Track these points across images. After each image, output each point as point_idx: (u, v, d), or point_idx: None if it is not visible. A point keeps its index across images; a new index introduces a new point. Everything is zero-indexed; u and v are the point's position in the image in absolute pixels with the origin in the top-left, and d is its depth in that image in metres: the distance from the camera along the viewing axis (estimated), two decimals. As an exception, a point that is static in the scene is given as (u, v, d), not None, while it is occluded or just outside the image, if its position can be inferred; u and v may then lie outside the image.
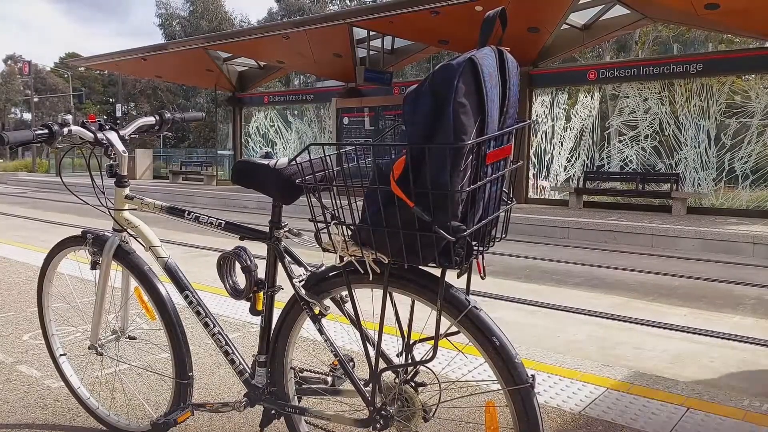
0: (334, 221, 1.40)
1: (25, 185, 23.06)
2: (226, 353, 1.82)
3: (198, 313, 1.85)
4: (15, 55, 51.27)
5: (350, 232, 1.40)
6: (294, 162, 1.51)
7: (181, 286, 1.87)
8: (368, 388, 1.52)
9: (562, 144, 13.78)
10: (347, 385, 1.65)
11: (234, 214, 12.80)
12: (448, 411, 2.30)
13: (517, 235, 9.44)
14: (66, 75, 44.07)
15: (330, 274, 1.56)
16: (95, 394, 2.30)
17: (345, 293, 1.56)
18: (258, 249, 1.71)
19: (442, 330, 1.38)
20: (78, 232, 2.08)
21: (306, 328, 1.70)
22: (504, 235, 1.47)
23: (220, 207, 14.85)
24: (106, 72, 41.33)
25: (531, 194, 13.86)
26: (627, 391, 2.58)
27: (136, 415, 2.23)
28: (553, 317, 4.84)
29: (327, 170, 1.47)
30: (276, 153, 18.79)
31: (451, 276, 1.38)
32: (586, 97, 13.54)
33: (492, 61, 1.26)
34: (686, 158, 12.16)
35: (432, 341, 1.38)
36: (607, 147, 13.23)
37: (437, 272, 1.37)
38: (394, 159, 1.27)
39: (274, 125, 20.18)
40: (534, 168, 13.87)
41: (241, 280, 1.70)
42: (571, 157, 13.72)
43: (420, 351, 1.47)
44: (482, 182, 1.29)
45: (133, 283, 2.00)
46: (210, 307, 1.87)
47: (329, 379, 1.71)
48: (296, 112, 19.96)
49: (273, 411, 1.74)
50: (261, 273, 1.70)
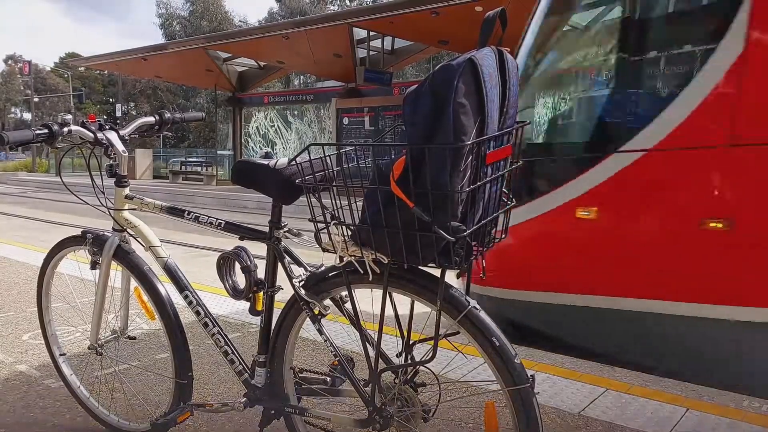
0: (334, 221, 1.40)
1: (25, 185, 23.06)
2: (226, 353, 1.81)
3: (198, 313, 1.84)
4: (15, 55, 51.31)
5: (350, 233, 1.40)
6: (294, 162, 1.51)
7: (181, 286, 1.87)
8: (368, 389, 1.52)
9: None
10: (347, 386, 1.65)
11: (234, 214, 12.80)
12: (448, 411, 2.30)
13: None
14: (66, 75, 44.04)
15: (330, 275, 1.56)
16: (95, 394, 2.30)
17: (345, 293, 1.56)
18: (258, 249, 1.71)
19: (442, 330, 1.39)
20: (78, 232, 2.08)
21: (306, 329, 1.70)
22: (504, 236, 1.47)
23: (220, 207, 14.84)
24: (106, 72, 41.34)
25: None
26: (626, 391, 2.58)
27: (136, 415, 2.23)
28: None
29: (327, 170, 1.47)
30: (276, 153, 18.78)
31: (451, 276, 1.38)
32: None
33: (492, 62, 1.26)
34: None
35: (432, 341, 1.38)
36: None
37: (437, 272, 1.37)
38: (394, 159, 1.27)
39: (274, 125, 20.18)
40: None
41: (241, 280, 1.70)
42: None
43: (420, 351, 1.47)
44: (482, 182, 1.29)
45: (133, 283, 2.00)
46: (210, 308, 1.87)
47: (329, 380, 1.71)
48: (296, 113, 19.97)
49: (272, 411, 1.74)
50: (261, 273, 1.70)
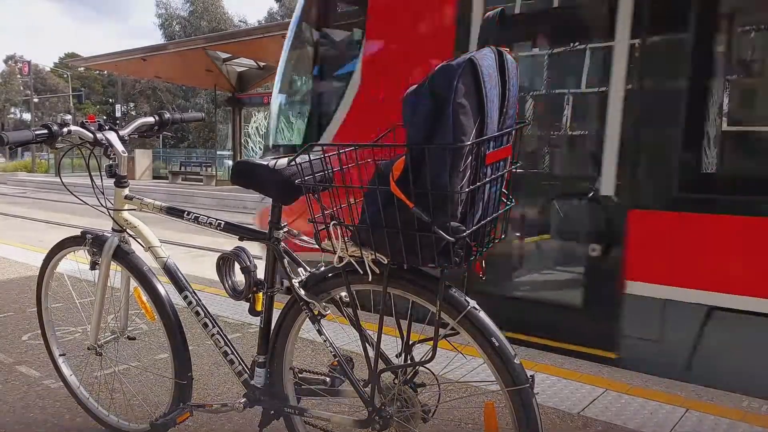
0: (334, 222, 1.40)
1: (25, 185, 23.05)
2: (225, 354, 1.81)
3: (197, 314, 1.84)
4: (15, 55, 51.29)
5: (350, 233, 1.40)
6: (294, 162, 1.51)
7: (181, 287, 1.87)
8: (367, 389, 1.52)
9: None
10: (346, 386, 1.65)
11: (234, 215, 12.79)
12: (448, 411, 2.30)
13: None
14: (66, 75, 44.01)
15: (329, 275, 1.56)
16: (94, 395, 2.29)
17: (344, 294, 1.56)
18: (257, 249, 1.71)
19: (442, 330, 1.38)
20: (77, 233, 2.07)
21: (305, 329, 1.70)
22: (504, 236, 1.47)
23: (220, 207, 14.84)
24: (106, 72, 41.31)
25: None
26: (626, 392, 2.58)
27: (136, 416, 2.23)
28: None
29: (326, 171, 1.47)
30: (275, 153, 18.72)
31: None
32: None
33: (491, 62, 1.26)
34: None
35: (431, 342, 1.38)
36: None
37: (437, 272, 1.37)
38: (394, 159, 1.27)
39: (274, 126, 20.16)
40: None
41: (241, 281, 1.70)
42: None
43: (419, 351, 1.47)
44: (481, 183, 1.29)
45: (133, 284, 2.00)
46: (209, 308, 1.87)
47: (328, 380, 1.71)
48: (296, 113, 19.94)
49: (272, 411, 1.74)
50: (261, 273, 1.70)
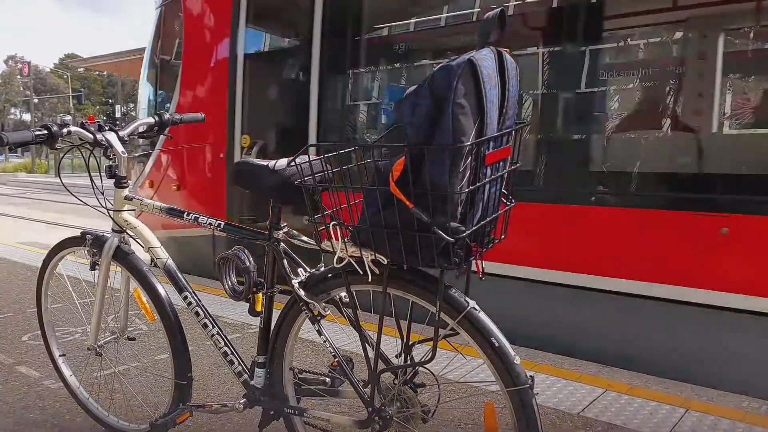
0: (334, 222, 1.40)
1: (25, 186, 23.05)
2: (225, 354, 1.81)
3: (197, 314, 1.84)
4: (15, 56, 51.29)
5: (349, 233, 1.40)
6: (293, 163, 1.51)
7: (180, 287, 1.87)
8: (367, 389, 1.52)
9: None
10: (346, 386, 1.65)
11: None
12: (448, 412, 2.30)
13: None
14: (65, 76, 44.02)
15: (329, 275, 1.56)
16: (94, 395, 2.30)
17: (344, 294, 1.56)
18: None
19: (441, 331, 1.38)
20: (77, 233, 2.08)
21: (305, 329, 1.70)
22: (504, 236, 1.47)
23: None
24: (106, 73, 41.30)
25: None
26: (625, 392, 2.58)
27: (136, 416, 2.23)
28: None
29: (326, 171, 1.47)
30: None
31: (450, 276, 1.37)
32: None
33: (491, 63, 1.26)
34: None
35: (431, 342, 1.38)
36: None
37: (436, 273, 1.37)
38: (394, 160, 1.27)
39: (274, 126, 20.16)
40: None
41: (240, 281, 1.70)
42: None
43: (419, 352, 1.47)
44: (481, 183, 1.29)
45: (133, 284, 2.00)
46: (209, 308, 1.87)
47: (328, 380, 1.71)
48: (296, 113, 19.93)
49: (272, 412, 1.74)
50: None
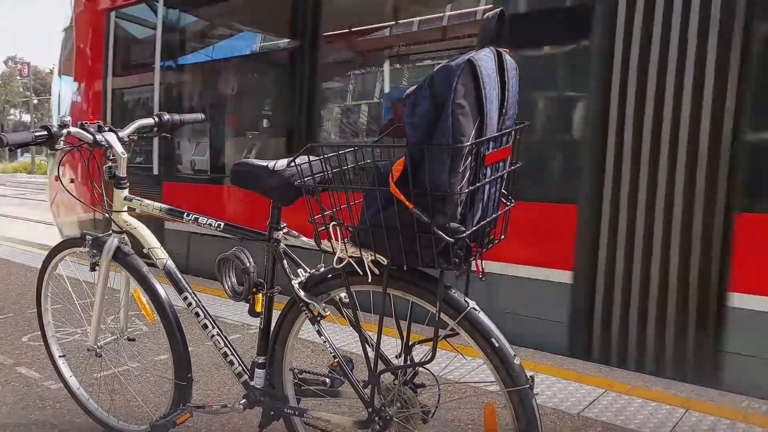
0: (333, 222, 1.40)
1: (25, 187, 23.05)
2: (225, 355, 1.81)
3: (197, 315, 1.84)
4: (15, 57, 51.27)
5: (349, 234, 1.40)
6: (293, 163, 1.51)
7: (180, 288, 1.87)
8: (367, 390, 1.52)
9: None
10: (346, 387, 1.65)
11: (233, 216, 12.76)
12: (447, 412, 2.30)
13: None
14: (65, 76, 43.96)
15: (329, 276, 1.56)
16: (94, 396, 2.29)
17: (344, 294, 1.56)
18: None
19: (441, 331, 1.38)
20: (77, 233, 2.07)
21: (305, 330, 1.70)
22: (503, 237, 1.47)
23: (220, 208, 14.81)
24: (106, 73, 41.22)
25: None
26: (625, 392, 2.58)
27: (135, 417, 2.23)
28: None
29: (326, 172, 1.47)
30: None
31: (450, 277, 1.37)
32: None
33: (491, 63, 1.26)
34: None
35: (431, 342, 1.38)
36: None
37: (436, 273, 1.37)
38: (394, 160, 1.27)
39: (274, 126, 20.14)
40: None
41: (240, 282, 1.70)
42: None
43: (419, 352, 1.47)
44: (481, 183, 1.29)
45: (133, 285, 2.00)
46: (209, 309, 1.87)
47: (328, 381, 1.71)
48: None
49: (272, 412, 1.74)
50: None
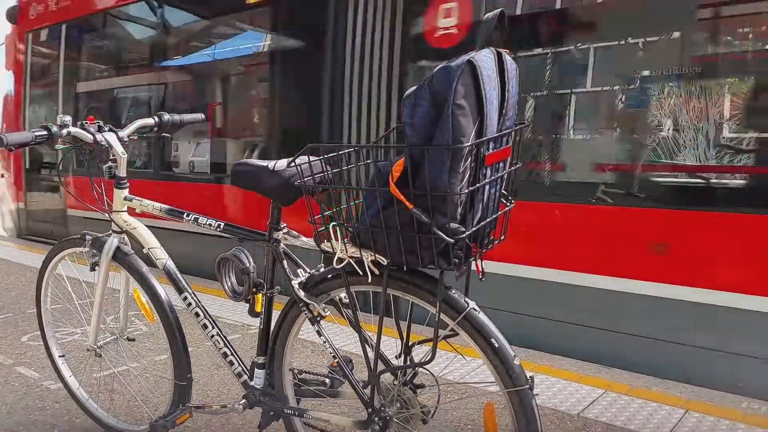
0: (333, 223, 1.40)
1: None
2: (225, 355, 1.81)
3: (197, 315, 1.84)
4: (14, 57, 51.24)
5: (349, 234, 1.40)
6: (293, 164, 1.51)
7: (180, 288, 1.87)
8: (367, 390, 1.52)
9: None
10: (346, 387, 1.65)
11: (233, 216, 12.75)
12: (447, 413, 2.30)
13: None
14: (65, 76, 43.98)
15: (329, 276, 1.56)
16: (94, 396, 2.29)
17: (344, 295, 1.56)
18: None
19: (441, 331, 1.38)
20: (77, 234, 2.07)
21: (305, 330, 1.70)
22: (503, 237, 1.47)
23: (219, 208, 14.80)
24: (105, 73, 41.24)
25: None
26: (625, 392, 2.58)
27: (135, 417, 2.23)
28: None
29: (326, 172, 1.47)
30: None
31: (450, 277, 1.37)
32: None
33: (491, 63, 1.26)
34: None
35: (431, 343, 1.38)
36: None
37: (436, 273, 1.37)
38: (394, 160, 1.27)
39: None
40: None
41: (240, 282, 1.70)
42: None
43: (419, 352, 1.47)
44: (481, 184, 1.29)
45: (132, 285, 2.00)
46: (209, 309, 1.87)
47: (328, 381, 1.71)
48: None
49: (272, 413, 1.74)
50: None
